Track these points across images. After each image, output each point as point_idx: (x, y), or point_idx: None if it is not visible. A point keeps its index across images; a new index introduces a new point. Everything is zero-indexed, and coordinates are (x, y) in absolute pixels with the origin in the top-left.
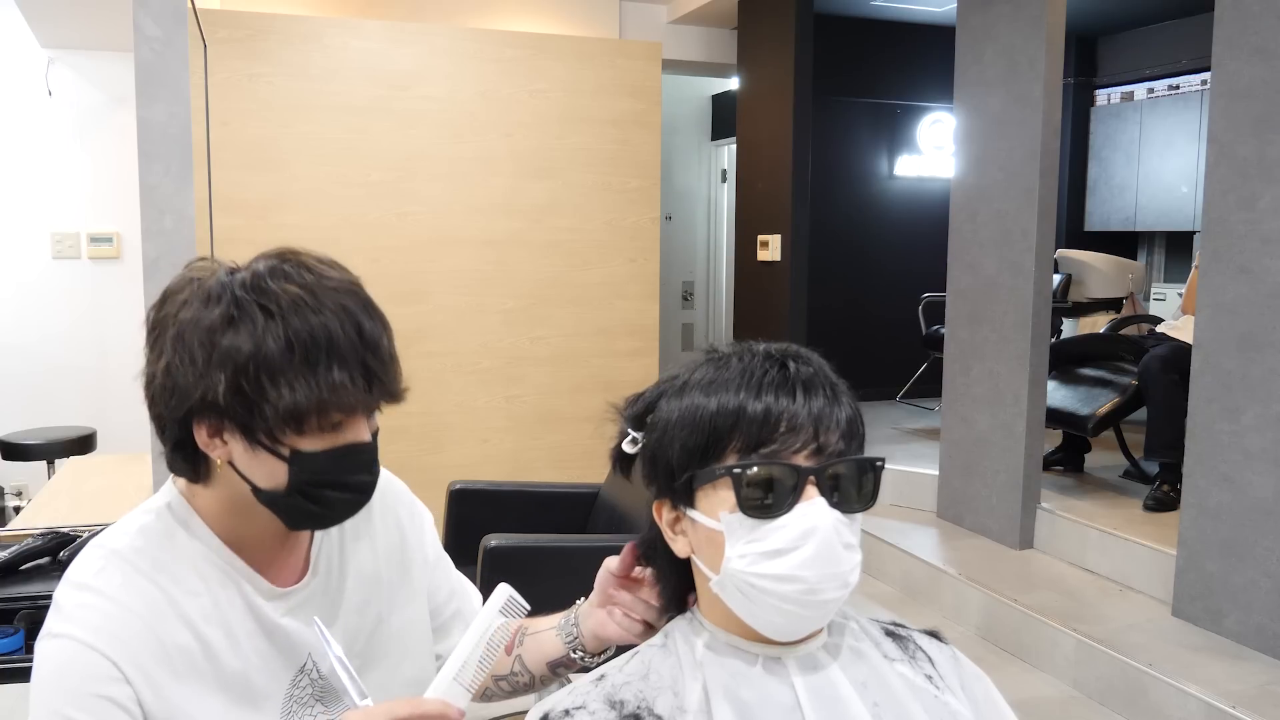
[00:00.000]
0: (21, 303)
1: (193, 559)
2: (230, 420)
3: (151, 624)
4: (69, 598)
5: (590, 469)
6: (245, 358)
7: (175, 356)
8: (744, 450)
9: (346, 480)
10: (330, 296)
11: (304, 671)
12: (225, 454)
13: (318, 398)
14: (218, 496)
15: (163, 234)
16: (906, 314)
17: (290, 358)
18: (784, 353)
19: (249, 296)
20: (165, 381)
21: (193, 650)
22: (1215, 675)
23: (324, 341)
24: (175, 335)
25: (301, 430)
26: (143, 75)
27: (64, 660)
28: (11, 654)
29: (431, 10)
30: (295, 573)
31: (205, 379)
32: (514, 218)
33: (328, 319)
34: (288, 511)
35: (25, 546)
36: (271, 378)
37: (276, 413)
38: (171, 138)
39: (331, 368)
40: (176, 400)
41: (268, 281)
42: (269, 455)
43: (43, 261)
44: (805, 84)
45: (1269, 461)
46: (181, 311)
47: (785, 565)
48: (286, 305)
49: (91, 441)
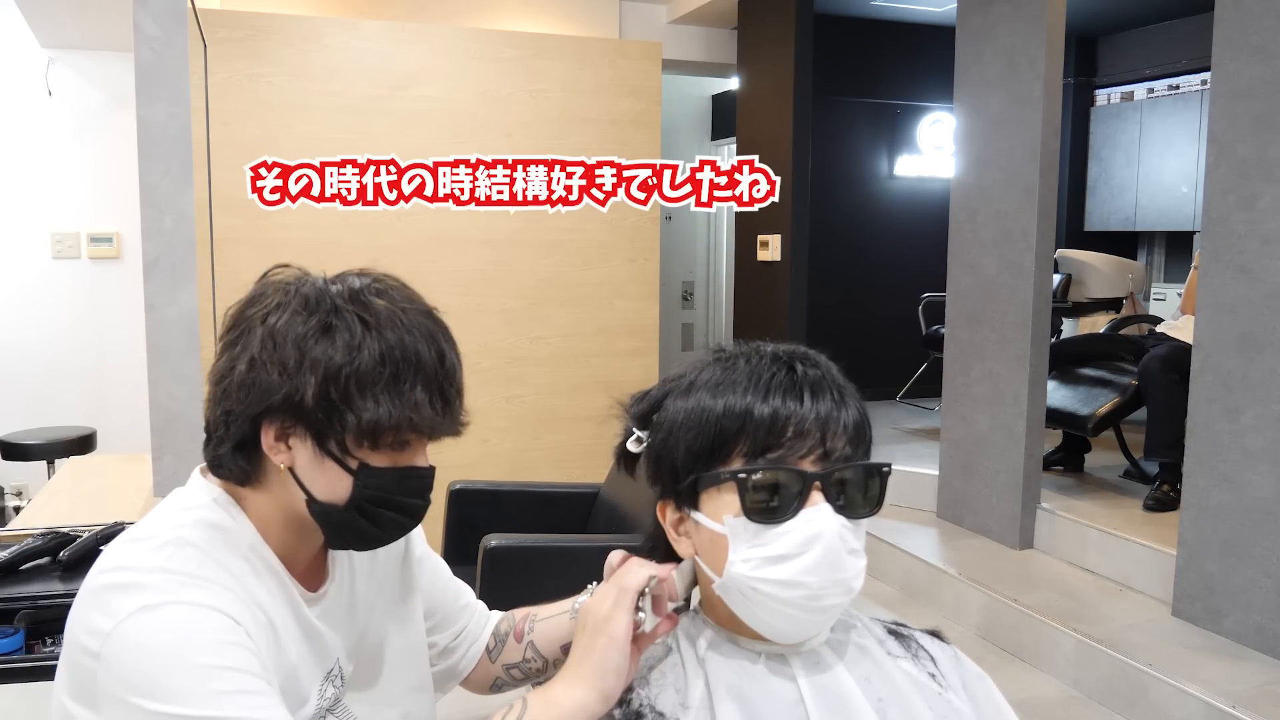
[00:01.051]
0: (21, 303)
1: (249, 550)
2: (306, 425)
3: (249, 596)
4: (152, 574)
5: (590, 469)
6: (338, 366)
7: (263, 354)
8: (750, 454)
9: (404, 502)
10: (418, 320)
11: (329, 678)
12: (289, 459)
13: (400, 415)
14: (265, 502)
15: (163, 234)
16: (906, 314)
17: (381, 372)
18: (791, 354)
19: (349, 307)
20: (246, 378)
21: (272, 630)
22: (1215, 675)
23: (413, 361)
24: (265, 335)
25: (376, 445)
26: (143, 75)
27: (179, 620)
28: (11, 654)
29: (431, 10)
30: (318, 579)
31: (293, 381)
32: (514, 218)
33: (418, 340)
34: (338, 526)
35: (25, 546)
36: (360, 389)
37: (358, 423)
38: (171, 138)
39: (416, 388)
40: (255, 398)
41: (366, 295)
42: (336, 466)
43: (43, 261)
44: (805, 84)
45: (1269, 461)
46: (272, 314)
47: (789, 571)
48: (384, 320)
49: (91, 441)
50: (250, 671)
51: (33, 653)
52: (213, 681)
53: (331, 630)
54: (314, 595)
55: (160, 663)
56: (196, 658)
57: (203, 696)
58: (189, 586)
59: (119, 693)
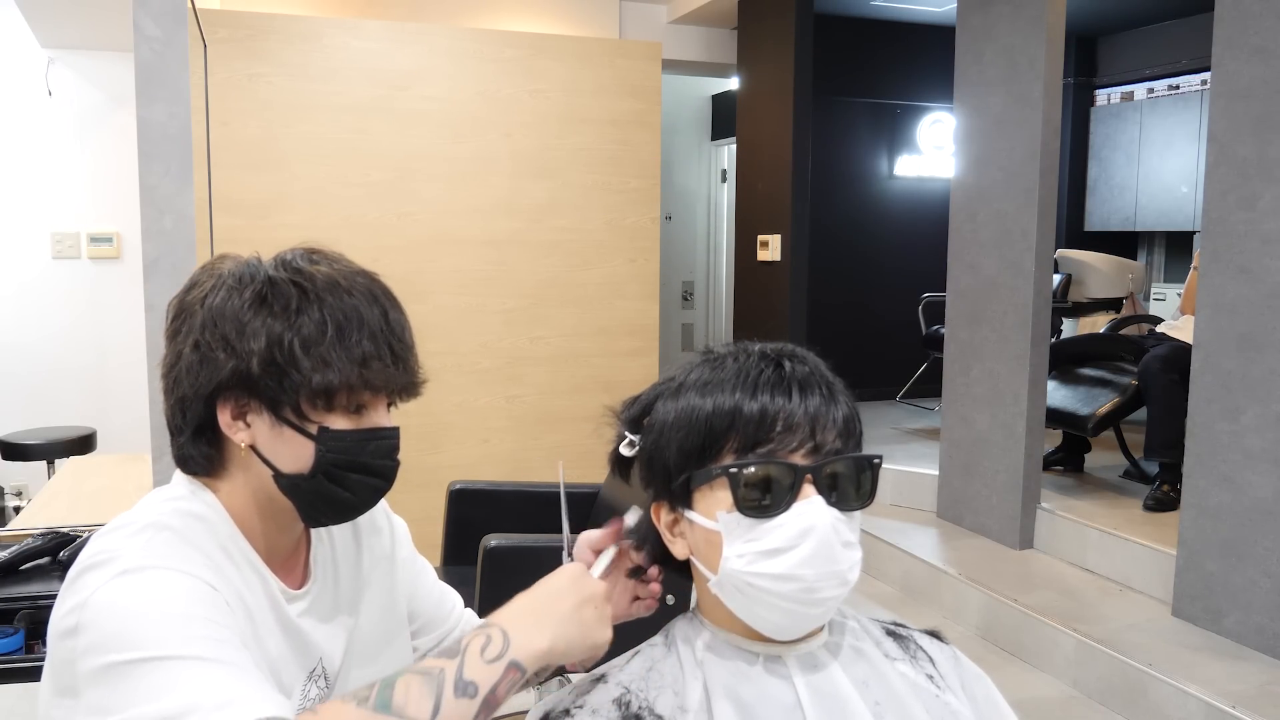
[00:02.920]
0: (21, 303)
1: (227, 540)
2: (258, 397)
3: (225, 580)
4: (137, 547)
5: (590, 469)
6: (279, 332)
7: (205, 335)
8: (741, 450)
9: (371, 464)
10: (358, 282)
11: (312, 678)
12: (249, 437)
13: (349, 373)
14: (236, 491)
15: (163, 234)
16: (906, 314)
17: (324, 333)
18: (779, 352)
19: (284, 275)
20: (191, 361)
21: (252, 615)
22: (1215, 675)
23: (355, 321)
24: (205, 316)
25: (331, 407)
26: (143, 75)
27: (180, 584)
28: (11, 654)
29: (431, 10)
30: (299, 578)
31: (237, 354)
32: (514, 218)
33: (359, 301)
34: (309, 497)
35: (25, 546)
36: (306, 351)
37: (309, 386)
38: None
39: (361, 344)
40: (205, 378)
41: (300, 263)
42: (295, 434)
43: (43, 261)
44: (805, 84)
45: (1269, 461)
46: (209, 297)
47: (783, 564)
48: (321, 285)
49: (91, 441)
50: (228, 627)
51: (33, 653)
52: (189, 627)
53: (314, 629)
54: (295, 593)
55: (136, 617)
56: (173, 609)
57: (178, 640)
58: (168, 559)
59: (96, 660)
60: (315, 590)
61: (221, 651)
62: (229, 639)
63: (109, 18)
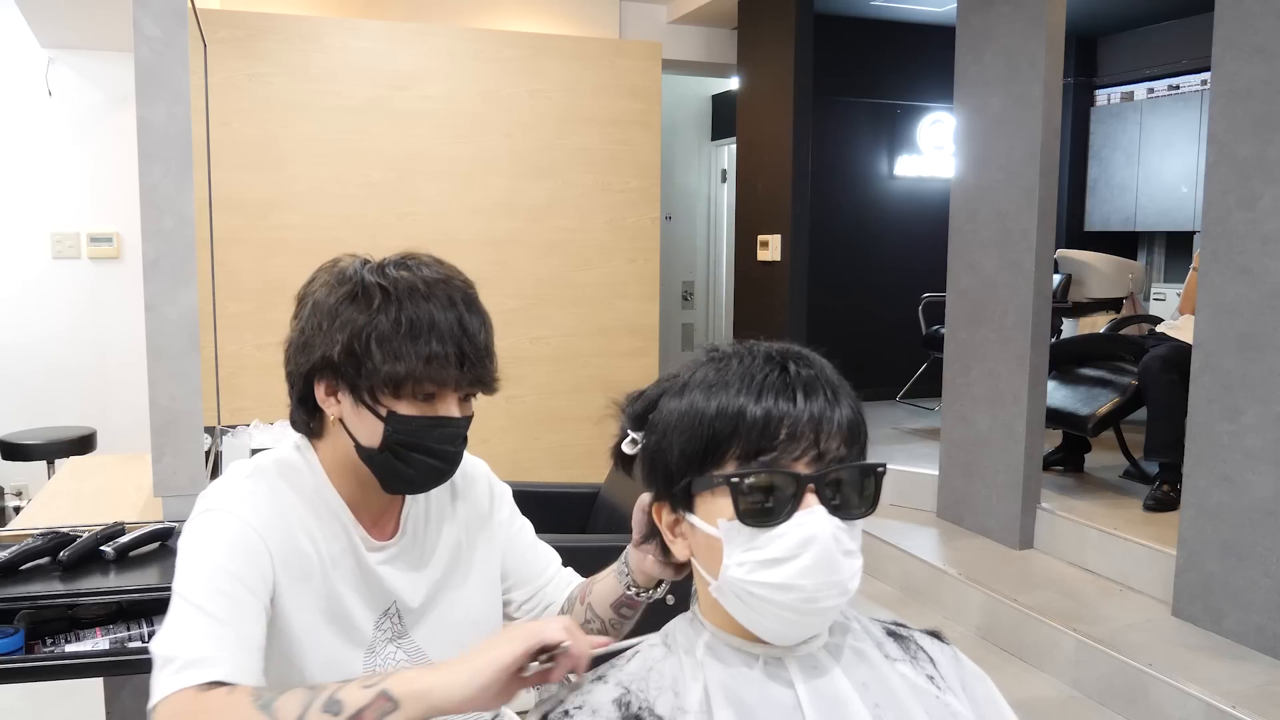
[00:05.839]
0: (21, 303)
1: (313, 492)
2: (343, 379)
3: (287, 526)
4: (226, 491)
5: (590, 469)
6: (360, 326)
7: (308, 322)
8: (743, 457)
9: (433, 447)
10: (440, 289)
11: (387, 614)
12: (337, 411)
13: (415, 368)
14: (331, 452)
15: (163, 234)
16: (906, 314)
17: (397, 331)
18: (784, 354)
19: (373, 279)
20: (298, 341)
21: (310, 558)
22: (1215, 675)
23: (427, 323)
24: (311, 306)
25: (399, 394)
26: (143, 75)
27: (233, 531)
28: (11, 654)
29: (431, 10)
30: (388, 532)
31: (327, 340)
32: (514, 218)
33: (434, 307)
34: (382, 469)
35: (25, 546)
36: (380, 344)
37: (380, 375)
38: (171, 138)
39: (430, 344)
40: (304, 358)
41: (390, 270)
42: (369, 414)
43: (43, 261)
44: (805, 84)
45: (1269, 461)
46: (319, 289)
47: (783, 574)
48: (403, 290)
49: (91, 441)
50: (250, 588)
51: (33, 653)
52: (215, 579)
53: (394, 577)
54: (379, 544)
55: (190, 555)
56: (212, 558)
57: (201, 590)
58: (249, 508)
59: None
60: (402, 544)
61: (224, 607)
62: (240, 594)
63: (109, 18)
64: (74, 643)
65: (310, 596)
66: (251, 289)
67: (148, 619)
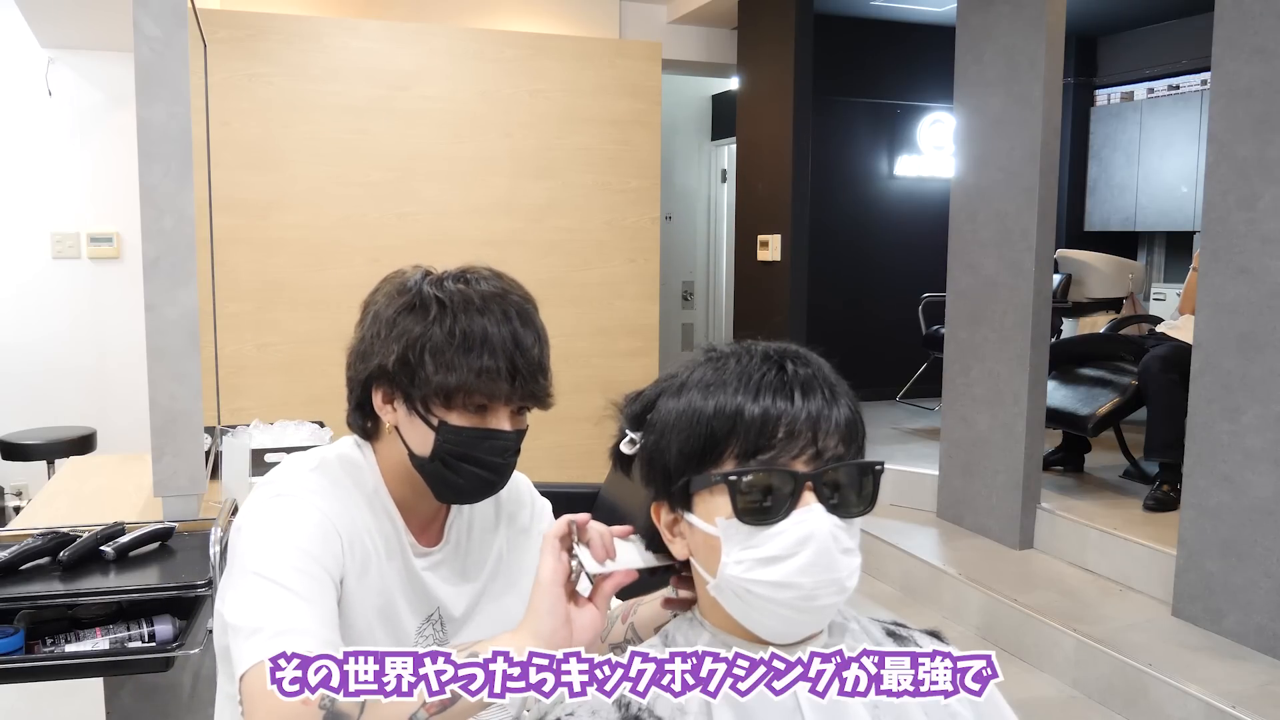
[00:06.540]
0: (21, 303)
1: (372, 491)
2: (397, 387)
3: (351, 520)
4: (296, 478)
5: (590, 469)
6: (415, 337)
7: (369, 331)
8: (741, 456)
9: (482, 458)
10: (496, 303)
11: (430, 620)
12: (393, 418)
13: (466, 379)
14: (385, 456)
15: (163, 234)
16: (906, 314)
17: (450, 343)
18: (782, 353)
19: (430, 291)
20: (359, 349)
21: (370, 554)
22: (1215, 675)
23: (480, 336)
24: (372, 315)
25: (450, 405)
26: (143, 75)
27: (311, 517)
28: (11, 654)
29: (431, 10)
30: (434, 538)
31: (384, 349)
32: (514, 218)
33: (488, 321)
34: (433, 477)
35: (25, 546)
36: (433, 355)
37: (431, 385)
38: (171, 138)
39: (482, 358)
40: (363, 365)
41: (448, 284)
42: (422, 423)
43: (43, 261)
44: (805, 84)
45: (1269, 461)
46: (380, 299)
47: (781, 572)
48: (458, 303)
49: (91, 441)
50: (329, 571)
51: (33, 653)
52: (293, 559)
53: (438, 584)
54: (425, 549)
55: (265, 537)
56: (290, 540)
57: (280, 569)
58: (314, 492)
59: (235, 557)
60: (446, 551)
61: (306, 586)
62: (320, 575)
63: (109, 18)
64: (74, 643)
65: (368, 591)
66: (251, 289)
67: (148, 619)
